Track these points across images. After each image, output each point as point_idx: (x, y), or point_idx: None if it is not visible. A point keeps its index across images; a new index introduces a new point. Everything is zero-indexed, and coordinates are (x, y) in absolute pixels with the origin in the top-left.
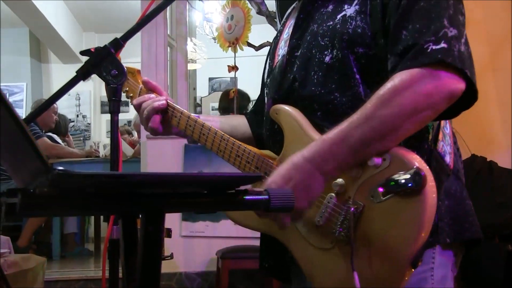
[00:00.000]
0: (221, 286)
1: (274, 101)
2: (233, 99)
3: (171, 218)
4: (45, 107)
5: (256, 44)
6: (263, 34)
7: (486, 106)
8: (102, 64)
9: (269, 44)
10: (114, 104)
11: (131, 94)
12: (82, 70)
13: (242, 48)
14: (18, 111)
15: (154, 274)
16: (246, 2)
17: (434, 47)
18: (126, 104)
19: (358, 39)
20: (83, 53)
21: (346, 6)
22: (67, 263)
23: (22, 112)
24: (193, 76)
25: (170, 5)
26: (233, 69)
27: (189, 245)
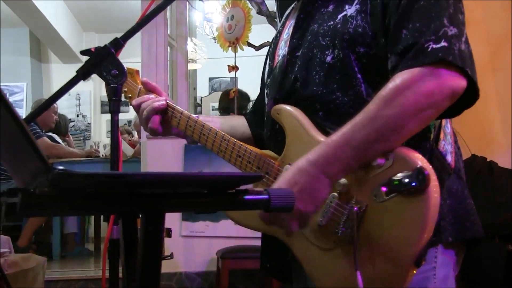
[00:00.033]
0: (221, 286)
1: (275, 101)
2: (233, 99)
3: (171, 218)
4: (45, 107)
5: (256, 44)
6: (263, 34)
7: (486, 106)
8: (102, 64)
9: (269, 44)
10: (114, 104)
11: (130, 95)
12: (82, 70)
13: (243, 48)
14: (18, 111)
15: (154, 274)
16: (246, 2)
17: (435, 46)
18: (126, 104)
19: (359, 39)
20: (83, 53)
21: (347, 6)
22: (67, 263)
23: (22, 112)
24: (193, 76)
25: (170, 5)
26: (233, 69)
27: (189, 245)
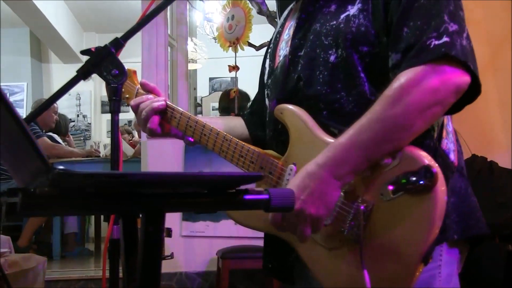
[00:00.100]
0: (221, 286)
1: (278, 101)
2: (233, 99)
3: (172, 218)
4: (45, 107)
5: (256, 44)
6: (264, 34)
7: (486, 106)
8: (103, 63)
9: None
10: (115, 103)
11: (127, 95)
12: (82, 70)
13: (243, 48)
14: (19, 111)
15: (154, 274)
16: (247, 2)
17: (437, 42)
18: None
19: (361, 38)
20: (84, 52)
21: (350, 7)
22: (68, 263)
23: (23, 111)
24: (193, 76)
25: (170, 5)
26: (234, 69)
27: (189, 245)
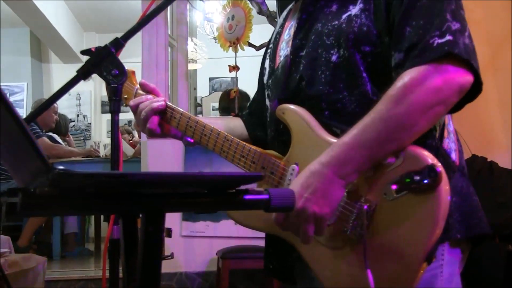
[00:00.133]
0: (221, 286)
1: (280, 101)
2: (233, 99)
3: (172, 218)
4: (45, 107)
5: (256, 44)
6: (264, 34)
7: (487, 106)
8: (103, 63)
9: None
10: (115, 103)
11: (126, 96)
12: (82, 70)
13: (243, 48)
14: (19, 111)
15: (154, 274)
16: (247, 2)
17: (440, 41)
18: None
19: (364, 38)
20: (84, 52)
21: (351, 7)
22: (68, 263)
23: (23, 111)
24: (193, 76)
25: (170, 5)
26: (234, 69)
27: (189, 245)
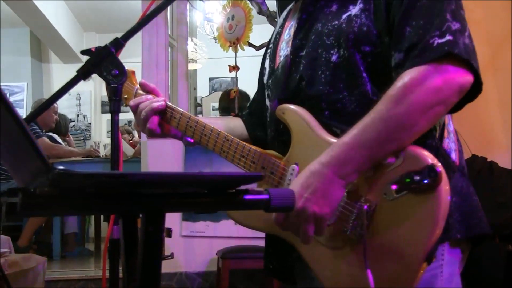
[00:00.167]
0: (221, 286)
1: (280, 101)
2: (233, 99)
3: (172, 218)
4: (45, 107)
5: (256, 44)
6: (264, 34)
7: (486, 106)
8: (103, 63)
9: None
10: (115, 103)
11: (126, 96)
12: (82, 70)
13: (243, 48)
14: (19, 111)
15: (154, 274)
16: (247, 2)
17: (440, 41)
18: None
19: (364, 38)
20: (84, 52)
21: (351, 7)
22: (68, 263)
23: (23, 111)
24: (193, 76)
25: (170, 5)
26: (234, 69)
27: (189, 245)
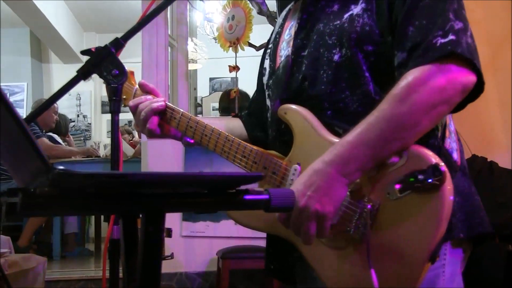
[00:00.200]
0: (221, 286)
1: (281, 101)
2: (233, 99)
3: (172, 218)
4: (45, 107)
5: (256, 44)
6: (264, 34)
7: (487, 106)
8: (103, 63)
9: None
10: (115, 104)
11: (124, 96)
12: (82, 70)
13: (243, 48)
14: (19, 111)
15: (154, 274)
16: (247, 2)
17: (443, 41)
18: None
19: (366, 37)
20: (84, 52)
21: (353, 6)
22: (68, 263)
23: (23, 112)
24: (193, 76)
25: (170, 5)
26: (234, 69)
27: (189, 245)
